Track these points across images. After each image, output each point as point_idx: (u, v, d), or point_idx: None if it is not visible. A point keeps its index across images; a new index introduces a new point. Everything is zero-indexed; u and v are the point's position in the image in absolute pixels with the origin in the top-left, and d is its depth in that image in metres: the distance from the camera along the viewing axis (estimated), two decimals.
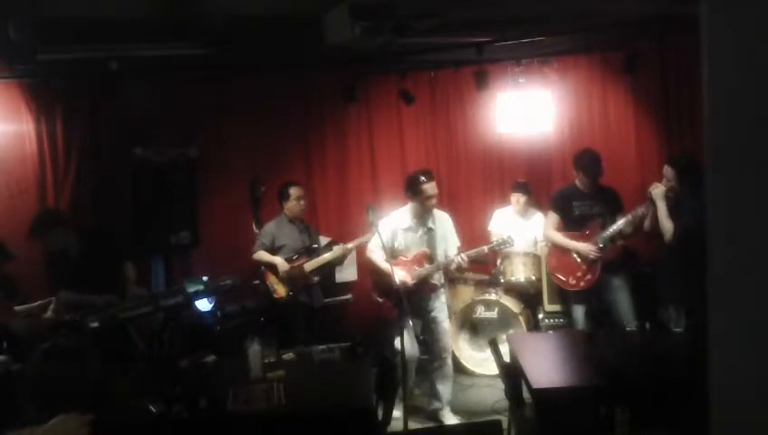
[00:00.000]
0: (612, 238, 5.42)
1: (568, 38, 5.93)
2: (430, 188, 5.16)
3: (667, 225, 4.83)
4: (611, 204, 5.50)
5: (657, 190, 4.94)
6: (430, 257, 5.26)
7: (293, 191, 5.89)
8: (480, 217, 6.73)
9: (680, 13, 4.43)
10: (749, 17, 1.26)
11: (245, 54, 5.82)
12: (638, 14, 5.30)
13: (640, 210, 5.19)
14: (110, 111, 6.22)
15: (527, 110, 6.33)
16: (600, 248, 5.38)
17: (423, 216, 5.27)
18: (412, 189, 5.22)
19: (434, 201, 5.22)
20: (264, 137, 6.65)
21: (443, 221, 5.36)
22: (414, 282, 5.16)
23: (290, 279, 5.73)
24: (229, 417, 3.48)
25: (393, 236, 5.29)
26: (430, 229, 5.29)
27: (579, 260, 5.51)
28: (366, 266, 6.30)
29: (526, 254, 6.15)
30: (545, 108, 6.37)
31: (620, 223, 5.35)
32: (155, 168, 5.92)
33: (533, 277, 6.12)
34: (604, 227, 5.43)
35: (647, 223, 5.12)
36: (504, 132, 6.58)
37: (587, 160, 5.54)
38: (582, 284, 5.50)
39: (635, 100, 6.53)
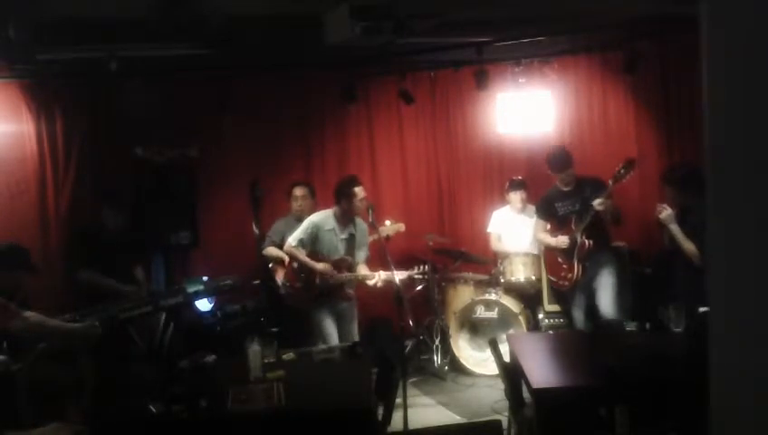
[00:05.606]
0: (593, 225, 5.39)
1: (568, 38, 5.94)
2: (360, 192, 5.27)
3: (689, 247, 4.55)
4: (593, 195, 5.36)
5: (665, 214, 4.64)
6: (350, 266, 5.36)
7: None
8: (480, 218, 6.74)
9: (680, 13, 4.43)
10: (749, 17, 1.26)
11: (245, 54, 5.82)
12: (638, 14, 5.31)
13: (604, 195, 5.19)
14: (110, 111, 6.21)
15: (527, 110, 6.33)
16: (572, 239, 5.40)
17: (347, 221, 5.37)
18: (343, 193, 5.29)
19: (364, 204, 5.25)
20: (263, 137, 6.64)
21: (362, 229, 5.45)
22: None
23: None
24: (229, 417, 3.48)
25: (314, 235, 5.36)
26: (352, 235, 5.40)
27: (560, 259, 5.63)
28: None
29: (526, 254, 6.16)
30: (545, 108, 6.37)
31: (591, 210, 5.28)
32: (155, 168, 5.92)
33: (533, 277, 6.12)
34: (581, 219, 5.43)
35: (666, 240, 4.83)
36: (503, 132, 6.58)
37: (553, 159, 5.57)
38: (566, 282, 5.60)
39: (635, 100, 6.53)
